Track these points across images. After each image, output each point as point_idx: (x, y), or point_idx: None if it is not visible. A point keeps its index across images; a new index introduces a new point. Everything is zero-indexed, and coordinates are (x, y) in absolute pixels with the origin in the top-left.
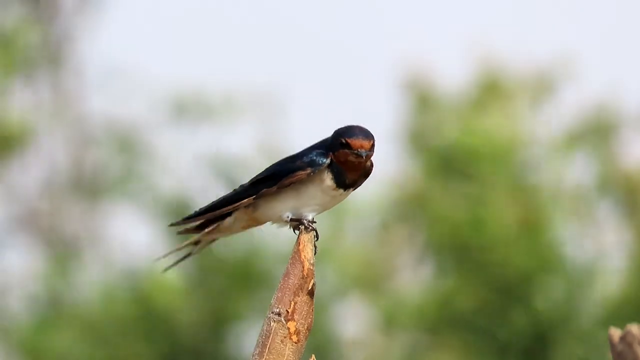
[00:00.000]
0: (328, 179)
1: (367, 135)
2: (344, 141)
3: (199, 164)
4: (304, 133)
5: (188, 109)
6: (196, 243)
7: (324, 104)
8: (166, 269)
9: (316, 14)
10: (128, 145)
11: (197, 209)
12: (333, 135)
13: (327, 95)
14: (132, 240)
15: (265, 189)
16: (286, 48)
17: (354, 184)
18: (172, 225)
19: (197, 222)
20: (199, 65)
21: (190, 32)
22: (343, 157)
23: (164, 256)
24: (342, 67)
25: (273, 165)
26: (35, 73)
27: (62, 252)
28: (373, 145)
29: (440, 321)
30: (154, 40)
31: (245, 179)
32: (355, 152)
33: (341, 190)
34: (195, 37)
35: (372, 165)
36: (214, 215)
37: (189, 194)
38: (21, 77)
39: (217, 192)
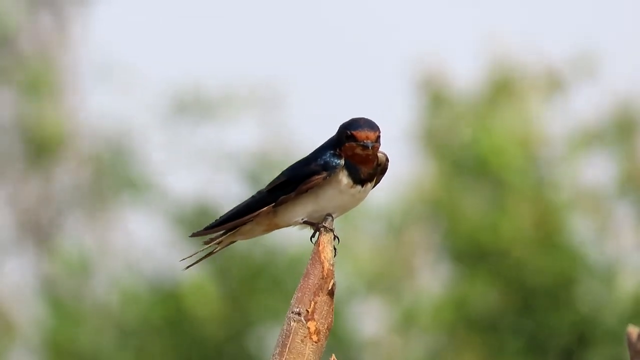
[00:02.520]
0: (344, 178)
1: (372, 126)
2: (349, 133)
3: (201, 162)
4: (317, 133)
5: (187, 106)
6: (217, 243)
7: (337, 102)
8: (187, 267)
9: (330, 12)
10: (127, 150)
11: (217, 217)
12: (338, 129)
13: (341, 94)
14: (138, 244)
15: (283, 197)
16: (300, 46)
17: (371, 179)
18: (193, 235)
19: (218, 232)
20: (199, 61)
21: (188, 26)
22: (350, 150)
23: (189, 258)
24: (356, 67)
25: (287, 169)
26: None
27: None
28: (379, 136)
29: (458, 322)
30: (150, 36)
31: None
32: (362, 143)
33: (359, 187)
34: (195, 31)
35: (387, 160)
36: (234, 225)
37: (193, 194)
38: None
39: (218, 187)
